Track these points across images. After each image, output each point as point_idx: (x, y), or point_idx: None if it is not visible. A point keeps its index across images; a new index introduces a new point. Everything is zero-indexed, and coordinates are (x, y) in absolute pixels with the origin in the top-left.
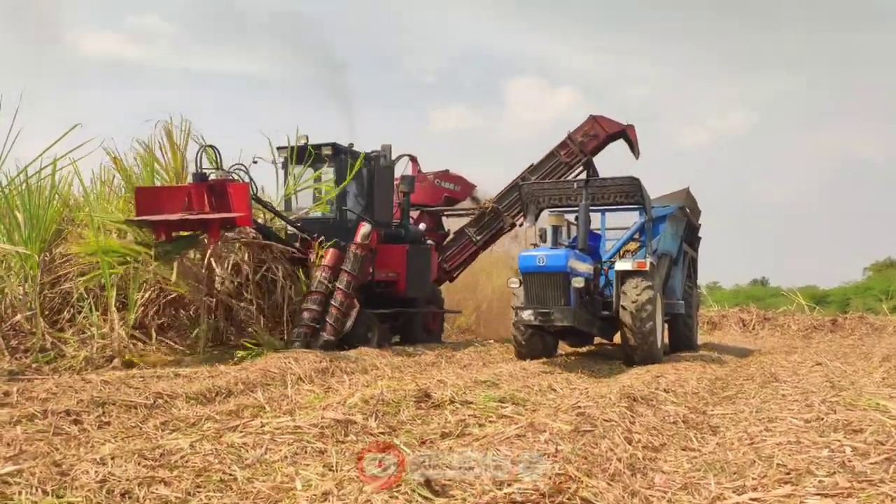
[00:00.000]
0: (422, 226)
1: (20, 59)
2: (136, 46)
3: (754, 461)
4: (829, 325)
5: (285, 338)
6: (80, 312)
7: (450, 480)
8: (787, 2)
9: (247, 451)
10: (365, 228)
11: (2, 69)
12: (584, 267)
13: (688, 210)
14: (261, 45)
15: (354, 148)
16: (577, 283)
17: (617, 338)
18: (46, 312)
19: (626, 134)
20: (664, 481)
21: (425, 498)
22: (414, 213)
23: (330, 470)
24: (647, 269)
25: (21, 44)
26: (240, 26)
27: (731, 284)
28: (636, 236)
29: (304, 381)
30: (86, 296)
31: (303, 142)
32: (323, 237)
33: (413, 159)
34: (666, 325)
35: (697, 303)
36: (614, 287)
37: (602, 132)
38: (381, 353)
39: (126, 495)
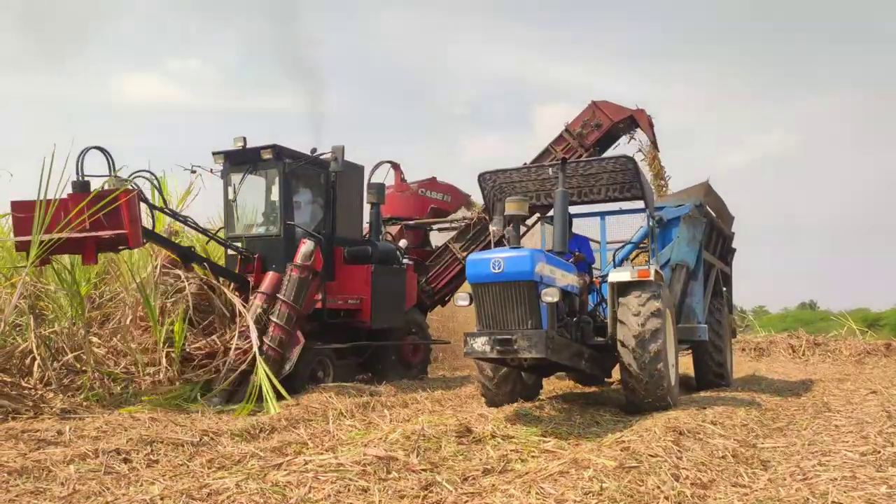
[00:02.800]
0: (403, 242)
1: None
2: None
3: (808, 499)
4: (883, 350)
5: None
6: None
7: None
8: (827, 19)
9: (291, 489)
10: (306, 246)
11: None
12: (562, 276)
13: (709, 210)
14: (287, 82)
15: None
16: (549, 296)
17: (617, 373)
18: (97, 349)
19: (635, 121)
20: None
21: None
22: (395, 228)
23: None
24: (652, 278)
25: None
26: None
27: (778, 308)
28: (644, 243)
29: (345, 416)
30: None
31: (240, 144)
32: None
33: (395, 167)
34: (683, 357)
35: (732, 328)
36: (608, 306)
37: (606, 120)
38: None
39: None
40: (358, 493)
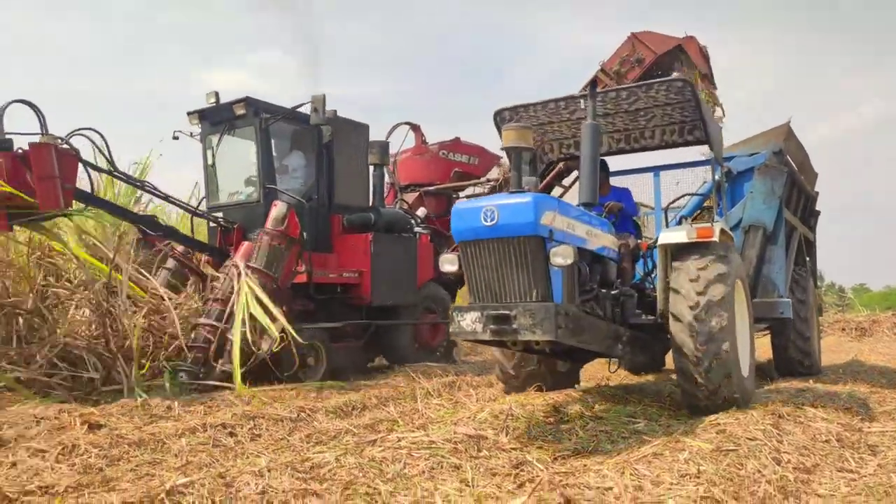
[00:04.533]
0: (421, 211)
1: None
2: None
3: None
4: None
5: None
6: None
7: (589, 501)
8: None
9: (387, 465)
10: (276, 210)
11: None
12: (589, 233)
13: (789, 159)
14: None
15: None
16: (561, 256)
17: (669, 361)
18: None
19: (685, 52)
20: None
21: None
22: (413, 195)
23: (466, 485)
24: (716, 238)
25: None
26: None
27: (880, 286)
28: (708, 203)
29: (432, 396)
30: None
31: (212, 101)
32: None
33: (415, 128)
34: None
35: (818, 304)
36: (658, 274)
37: (648, 54)
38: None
39: None
40: (451, 469)
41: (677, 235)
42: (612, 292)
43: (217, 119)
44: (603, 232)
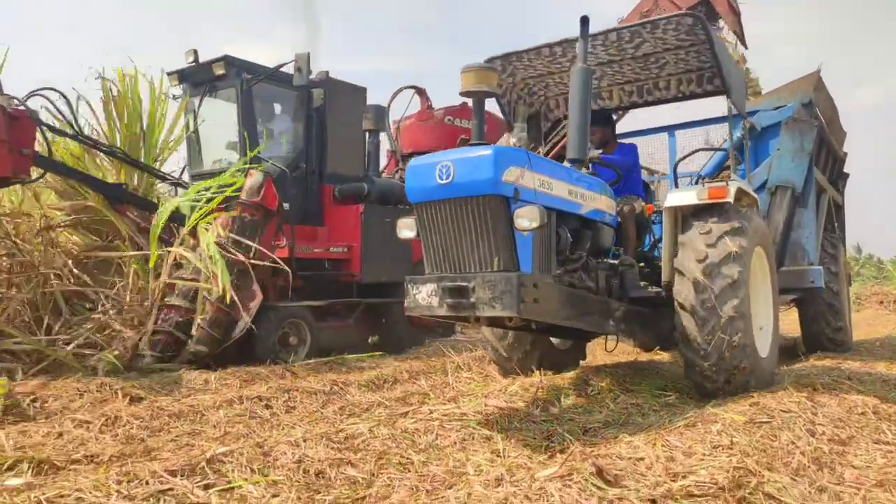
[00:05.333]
0: None
1: None
2: None
3: None
4: None
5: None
6: None
7: (621, 470)
8: None
9: (419, 436)
10: (252, 179)
11: None
12: (569, 192)
13: (819, 112)
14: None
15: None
16: (526, 218)
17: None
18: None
19: (712, 9)
20: (856, 477)
21: (598, 487)
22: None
23: (498, 456)
24: (730, 199)
25: None
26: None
27: None
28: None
29: (462, 369)
30: None
31: (190, 60)
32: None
33: (420, 92)
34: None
35: (847, 273)
36: (664, 241)
37: (671, 9)
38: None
39: (320, 475)
40: (482, 440)
41: (686, 196)
42: (609, 262)
43: (198, 80)
44: (593, 193)
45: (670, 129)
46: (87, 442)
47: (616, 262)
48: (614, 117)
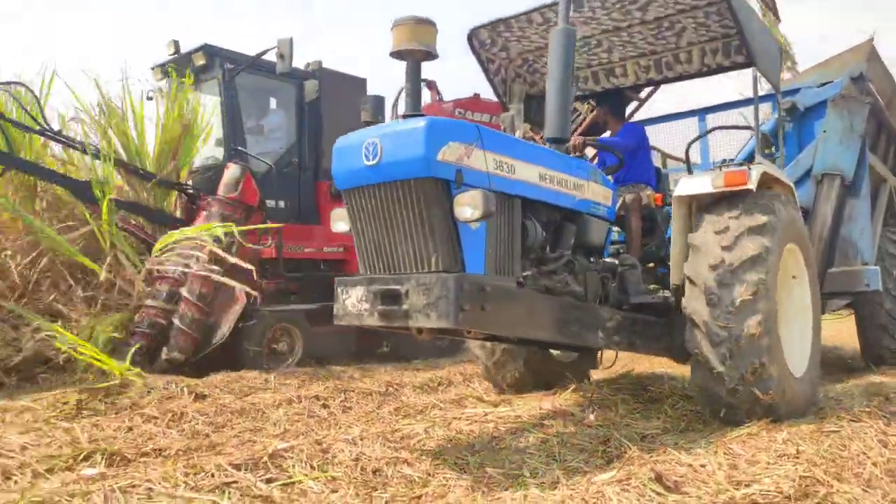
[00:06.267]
0: None
1: None
2: None
3: None
4: None
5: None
6: None
7: (681, 477)
8: None
9: (474, 438)
10: (229, 172)
11: None
12: (540, 175)
13: (873, 87)
14: None
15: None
16: (469, 207)
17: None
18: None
19: None
20: None
21: (657, 493)
22: None
23: (553, 459)
24: (751, 186)
25: None
26: None
27: None
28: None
29: None
30: None
31: (171, 52)
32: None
33: (430, 85)
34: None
35: None
36: (673, 237)
37: None
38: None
39: (377, 472)
40: (538, 443)
41: (698, 183)
42: (606, 262)
43: (182, 73)
44: (578, 179)
45: (701, 112)
46: (155, 436)
47: (611, 261)
48: (635, 103)
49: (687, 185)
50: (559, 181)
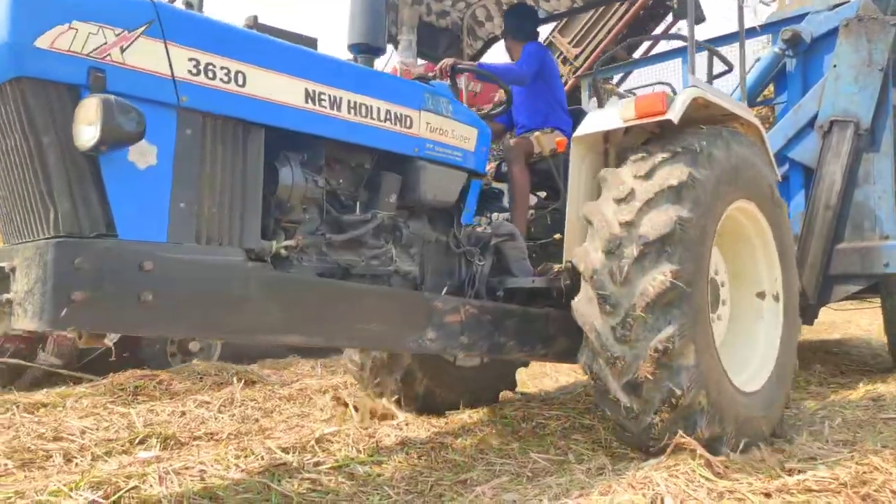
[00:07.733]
0: None
1: None
2: None
3: None
4: None
5: None
6: None
7: (732, 463)
8: None
9: (518, 423)
10: None
11: None
12: (289, 90)
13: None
14: None
15: None
16: (84, 128)
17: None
18: None
19: None
20: None
21: (706, 479)
22: None
23: (599, 446)
24: (669, 117)
25: None
26: None
27: None
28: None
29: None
30: None
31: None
32: None
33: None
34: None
35: None
36: (569, 196)
37: None
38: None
39: (422, 457)
40: (583, 430)
41: (603, 118)
42: (465, 229)
43: None
44: (400, 106)
45: (684, 52)
46: (207, 420)
47: (480, 230)
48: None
49: (589, 123)
50: (352, 105)
